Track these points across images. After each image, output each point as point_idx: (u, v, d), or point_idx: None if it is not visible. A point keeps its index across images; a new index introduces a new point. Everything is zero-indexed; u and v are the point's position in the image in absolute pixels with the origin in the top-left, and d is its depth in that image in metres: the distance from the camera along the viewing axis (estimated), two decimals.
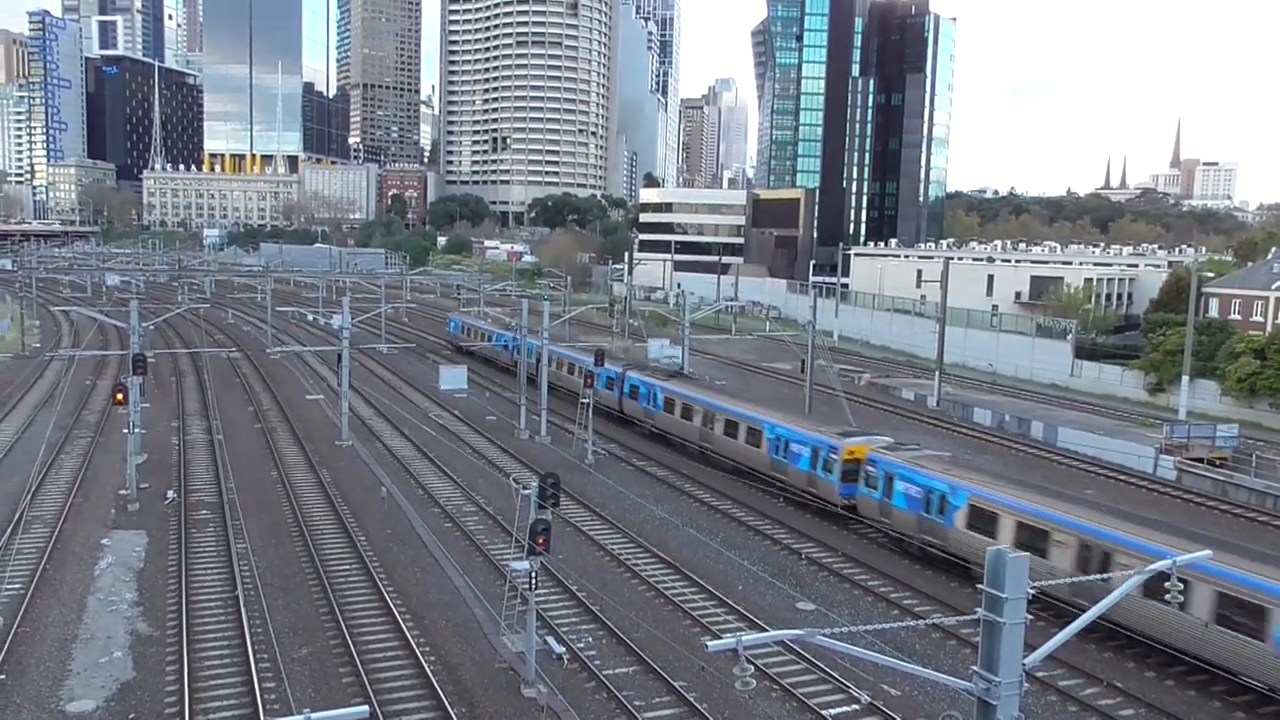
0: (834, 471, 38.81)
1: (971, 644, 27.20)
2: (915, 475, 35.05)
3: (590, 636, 28.20)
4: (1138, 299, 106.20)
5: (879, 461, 36.94)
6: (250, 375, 75.12)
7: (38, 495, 40.62)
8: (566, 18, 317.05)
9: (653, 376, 55.27)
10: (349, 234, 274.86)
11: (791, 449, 41.69)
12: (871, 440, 39.44)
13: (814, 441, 40.47)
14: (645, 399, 54.52)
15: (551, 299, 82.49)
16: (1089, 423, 59.72)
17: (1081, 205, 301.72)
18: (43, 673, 25.32)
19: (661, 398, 52.80)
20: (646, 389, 54.41)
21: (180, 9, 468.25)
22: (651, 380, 54.61)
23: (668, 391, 52.68)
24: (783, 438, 42.37)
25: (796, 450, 41.35)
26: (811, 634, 12.52)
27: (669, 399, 52.22)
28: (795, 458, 41.44)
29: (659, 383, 53.77)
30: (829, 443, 39.68)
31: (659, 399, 53.02)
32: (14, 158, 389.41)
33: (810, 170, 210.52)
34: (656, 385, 53.63)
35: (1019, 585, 11.72)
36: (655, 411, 53.50)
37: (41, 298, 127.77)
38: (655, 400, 53.43)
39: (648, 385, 54.46)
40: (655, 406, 53.45)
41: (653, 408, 53.75)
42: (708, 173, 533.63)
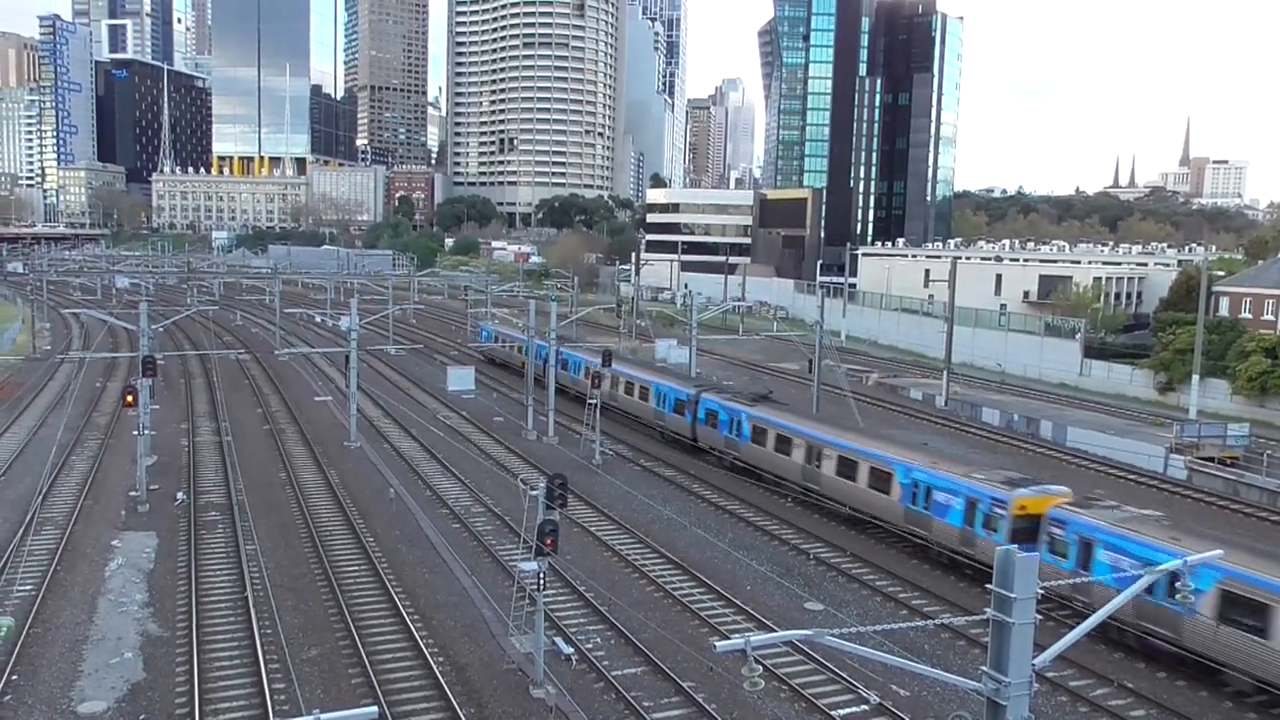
0: (1000, 530, 31.19)
1: (981, 644, 27.14)
2: (1129, 543, 27.20)
3: (598, 637, 28.20)
4: (1147, 298, 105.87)
5: (1072, 522, 29.11)
6: (259, 377, 75.33)
7: (49, 497, 40.79)
8: (573, 19, 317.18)
9: (735, 401, 48.13)
10: (357, 236, 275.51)
11: (936, 498, 34.26)
12: (1048, 491, 31.65)
13: (970, 490, 32.99)
14: (727, 426, 47.49)
15: (559, 300, 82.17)
16: (1098, 422, 59.52)
17: (1090, 204, 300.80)
18: (54, 673, 25.43)
19: (748, 426, 45.73)
20: (728, 415, 47.35)
21: (189, 12, 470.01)
22: (734, 405, 47.46)
23: (757, 419, 45.38)
24: (922, 483, 35.00)
25: (944, 500, 33.89)
26: (820, 634, 12.50)
27: (758, 428, 45.06)
28: (942, 509, 33.99)
29: (744, 408, 46.66)
30: (992, 493, 32.13)
31: (744, 427, 46.00)
32: (24, 161, 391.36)
33: (817, 170, 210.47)
34: (741, 411, 46.55)
35: (1028, 585, 11.69)
36: (739, 442, 46.44)
37: (52, 300, 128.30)
38: (739, 429, 46.36)
39: (730, 410, 47.38)
40: (739, 436, 46.40)
41: (736, 437, 46.77)
42: (714, 173, 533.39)
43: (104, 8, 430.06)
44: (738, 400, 48.41)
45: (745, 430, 46.05)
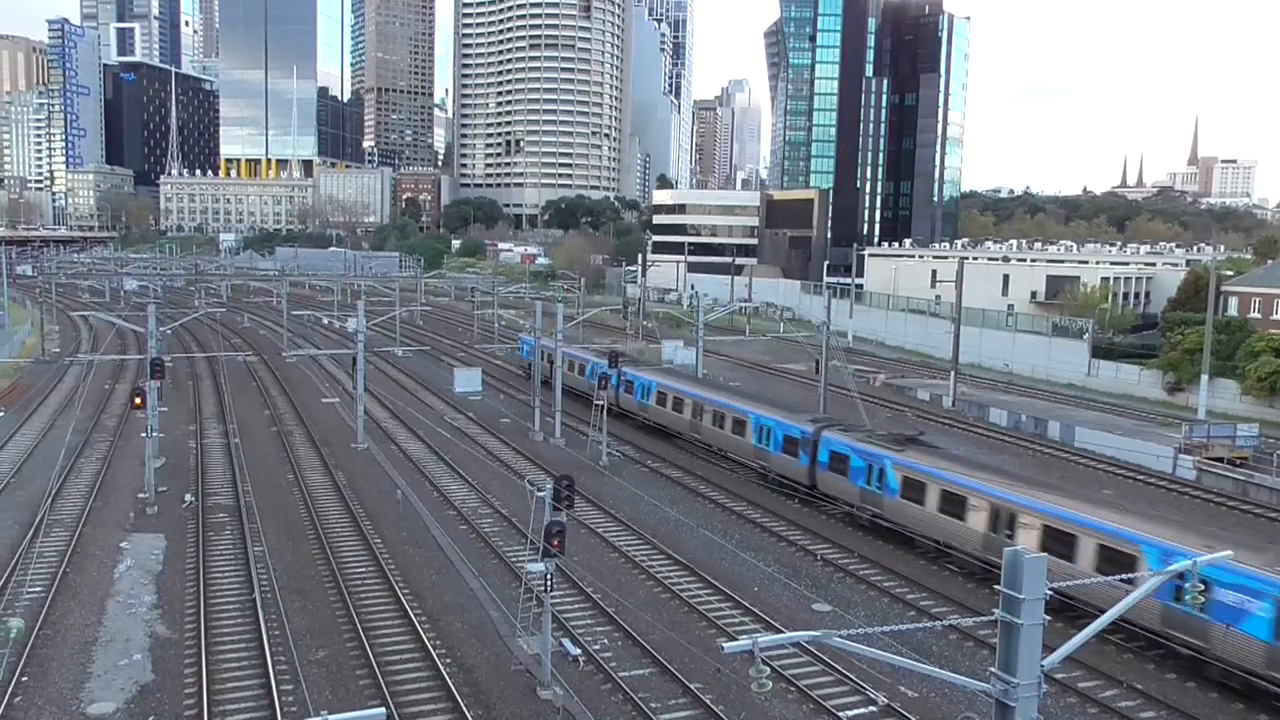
0: None
1: (989, 645, 27.05)
2: None
3: (606, 638, 28.19)
4: (1155, 298, 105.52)
5: None
6: (266, 379, 75.50)
7: (58, 499, 40.93)
8: (579, 20, 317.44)
9: (874, 443, 38.96)
10: (364, 237, 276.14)
11: (1221, 598, 24.18)
12: None
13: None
14: (863, 475, 38.55)
15: (565, 301, 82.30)
16: (1107, 422, 59.32)
17: (1098, 204, 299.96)
18: (64, 675, 25.51)
19: (895, 477, 36.63)
20: (865, 460, 38.45)
21: (197, 15, 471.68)
22: (873, 449, 38.43)
23: (910, 469, 36.21)
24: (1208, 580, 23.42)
25: (1236, 603, 24.15)
26: (828, 635, 12.48)
27: (912, 480, 35.88)
28: (1233, 613, 24.25)
29: (888, 453, 37.46)
30: None
31: (889, 478, 36.91)
32: (33, 164, 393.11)
33: (824, 171, 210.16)
34: (884, 457, 37.39)
35: (1037, 586, 11.65)
36: (883, 495, 37.35)
37: (61, 303, 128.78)
38: (882, 480, 37.29)
39: (867, 455, 38.43)
40: (882, 488, 37.29)
41: (877, 489, 37.67)
42: (721, 174, 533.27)
43: (112, 11, 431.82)
44: (878, 443, 38.88)
45: (892, 482, 36.88)
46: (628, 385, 57.98)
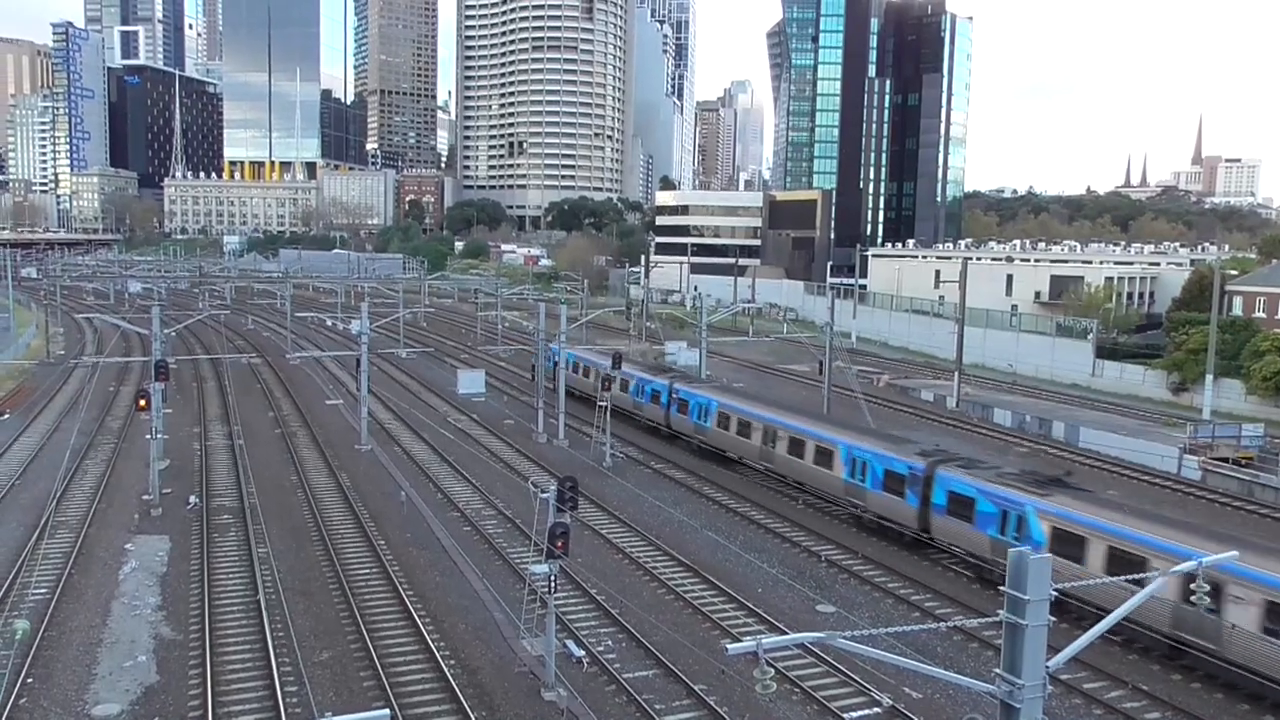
0: None
1: (994, 646, 27.01)
2: None
3: (610, 640, 28.19)
4: (1160, 298, 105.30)
5: None
6: (270, 381, 75.60)
7: (63, 500, 41.00)
8: (582, 22, 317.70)
9: (1009, 485, 32.24)
10: (367, 239, 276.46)
11: None
12: None
13: None
14: (995, 524, 31.96)
15: (569, 303, 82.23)
16: (1111, 423, 59.23)
17: (1101, 204, 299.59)
18: (69, 676, 25.55)
19: (1040, 527, 30.21)
20: (998, 507, 31.82)
21: (200, 18, 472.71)
22: (1009, 493, 31.75)
23: (1062, 519, 29.75)
24: None
25: None
26: (832, 636, 12.47)
27: (1065, 533, 29.43)
28: None
29: (1029, 498, 31.00)
30: None
31: (1033, 528, 30.44)
32: (38, 167, 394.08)
33: (827, 171, 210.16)
34: (1025, 503, 30.95)
35: (1041, 587, 11.63)
36: (1035, 543, 30.25)
37: (65, 305, 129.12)
38: (1024, 529, 30.79)
39: (1004, 501, 31.70)
40: (1026, 539, 30.47)
41: (1014, 540, 30.87)
42: (724, 175, 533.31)
43: (116, 14, 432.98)
44: (1014, 484, 32.22)
45: (1036, 533, 30.18)
46: (681, 404, 52.16)
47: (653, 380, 55.64)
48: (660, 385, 54.53)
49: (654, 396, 53.98)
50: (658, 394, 53.71)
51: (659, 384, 55.02)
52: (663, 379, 55.33)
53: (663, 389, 53.89)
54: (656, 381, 55.49)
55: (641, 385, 56.59)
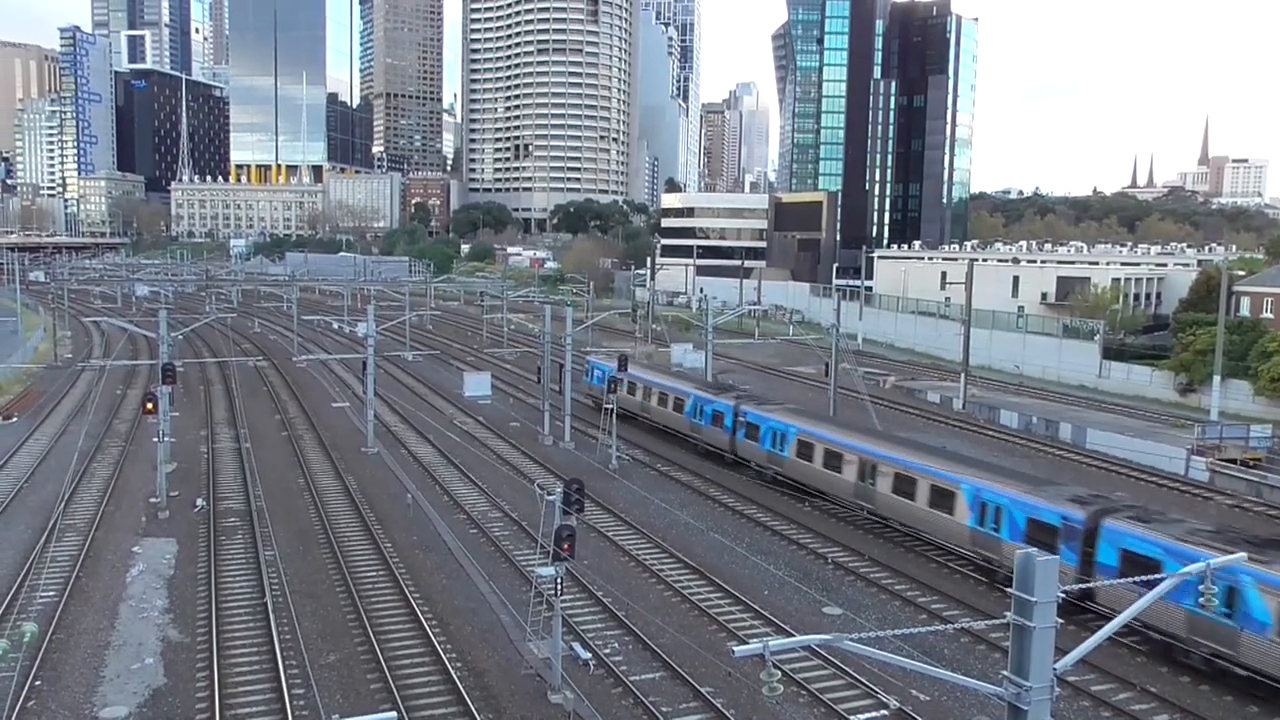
0: None
1: (1001, 648, 26.94)
2: None
3: (616, 642, 28.18)
4: (1167, 299, 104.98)
5: None
6: (277, 384, 75.74)
7: (71, 503, 41.14)
8: (587, 25, 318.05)
9: (1212, 547, 25.66)
10: (373, 242, 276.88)
11: None
12: None
13: None
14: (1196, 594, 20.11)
15: (574, 305, 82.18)
16: (1119, 424, 59.07)
17: (1108, 204, 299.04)
18: (77, 679, 25.62)
19: (1269, 606, 24.09)
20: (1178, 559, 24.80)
21: (207, 22, 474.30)
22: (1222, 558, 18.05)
23: None
24: None
25: None
26: (839, 639, 12.45)
27: None
28: None
29: (1252, 569, 24.11)
30: None
31: (1252, 604, 24.44)
32: (46, 171, 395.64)
33: (832, 173, 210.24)
34: (1244, 572, 24.12)
35: (1049, 589, 11.60)
36: (1245, 629, 24.61)
37: (73, 309, 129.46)
38: (1242, 606, 24.64)
39: (1183, 554, 25.06)
40: (1244, 619, 24.60)
41: (1230, 620, 24.91)
42: (729, 177, 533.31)
43: (123, 19, 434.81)
44: (1217, 545, 25.84)
45: (1256, 609, 24.28)
46: (750, 429, 46.63)
47: (714, 400, 50.26)
48: (723, 406, 49.10)
49: (715, 418, 49.05)
50: (720, 415, 48.67)
51: (722, 404, 49.30)
52: (726, 399, 49.69)
53: (726, 410, 48.59)
54: (719, 402, 49.79)
55: (700, 405, 51.29)
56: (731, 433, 48.26)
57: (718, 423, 49.44)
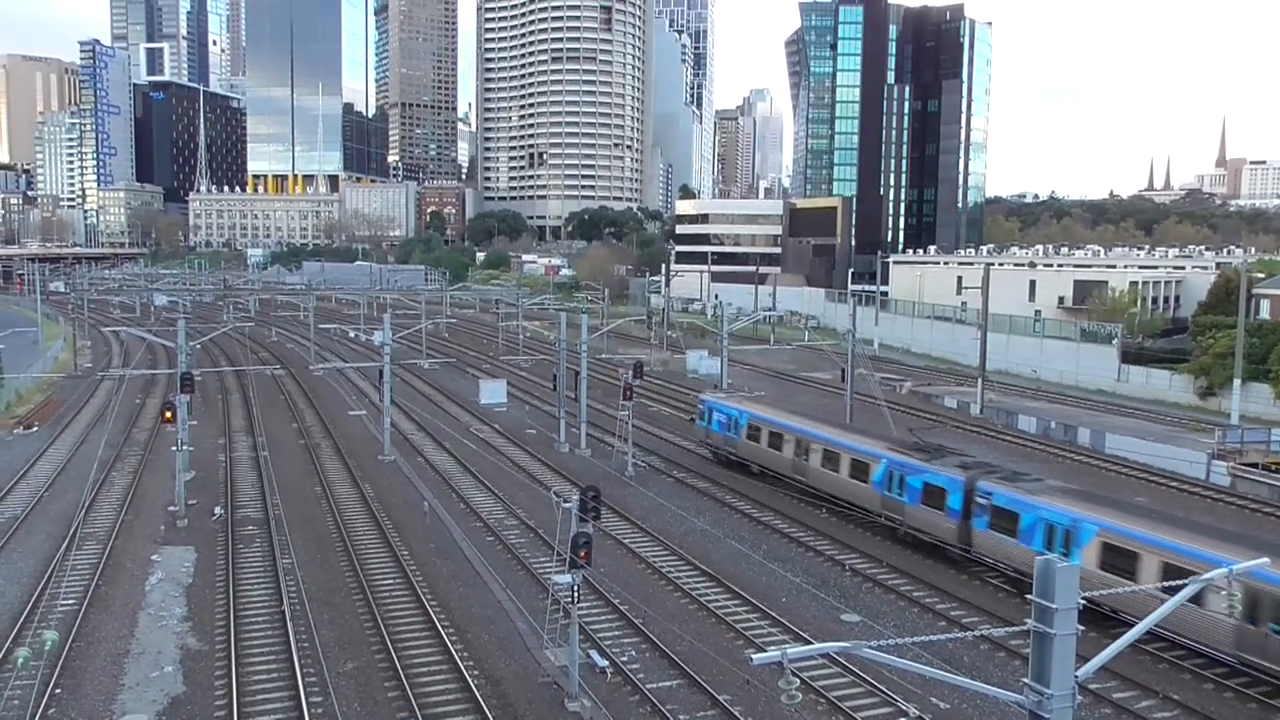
0: None
1: (1021, 655, 26.72)
2: None
3: (633, 650, 28.10)
4: (1185, 301, 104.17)
5: None
6: (294, 392, 76.10)
7: (90, 512, 41.39)
8: (600, 33, 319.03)
9: None
10: (389, 251, 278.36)
11: None
12: None
13: None
14: None
15: (590, 312, 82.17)
16: (1138, 428, 58.60)
17: (1125, 207, 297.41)
18: (96, 686, 25.75)
19: None
20: None
21: (224, 34, 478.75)
22: None
23: None
24: None
25: None
26: (858, 646, 12.37)
27: None
28: None
29: None
30: None
31: None
32: (66, 183, 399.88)
33: (847, 179, 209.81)
34: None
35: (1069, 595, 11.49)
36: None
37: (92, 318, 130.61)
38: None
39: None
40: None
41: None
42: (743, 183, 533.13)
43: (142, 31, 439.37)
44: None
45: None
46: (1001, 517, 32.71)
47: (927, 469, 36.49)
48: (946, 480, 35.30)
49: (930, 496, 35.85)
50: (939, 492, 35.46)
51: (944, 477, 35.49)
52: (949, 469, 35.76)
53: (952, 486, 34.92)
54: (937, 472, 36.01)
55: (899, 473, 37.66)
56: (962, 519, 34.36)
57: (934, 502, 35.48)
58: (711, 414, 51.33)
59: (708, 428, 51.66)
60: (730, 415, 49.36)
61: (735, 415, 48.64)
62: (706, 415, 51.86)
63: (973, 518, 34.16)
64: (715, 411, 51.06)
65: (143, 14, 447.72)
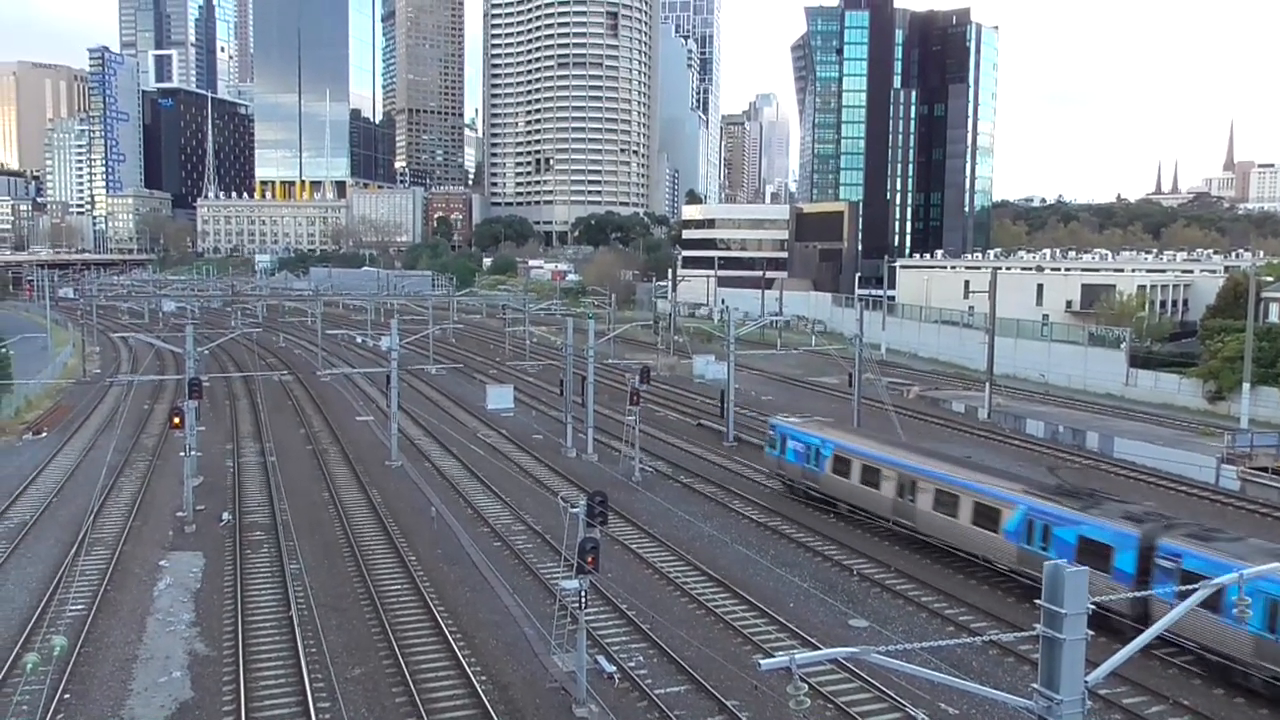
0: None
1: (1031, 661, 26.62)
2: None
3: (641, 655, 28.07)
4: (1194, 305, 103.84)
5: None
6: (301, 398, 76.26)
7: (99, 517, 41.52)
8: (607, 39, 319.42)
9: None
10: (396, 257, 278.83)
11: None
12: None
13: None
14: None
15: (596, 317, 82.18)
16: (1147, 433, 58.40)
17: (1132, 211, 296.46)
18: (105, 692, 25.80)
19: None
20: None
21: (232, 41, 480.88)
22: None
23: None
24: None
25: None
26: (866, 651, 12.33)
27: None
28: None
29: None
30: None
31: None
32: (75, 189, 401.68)
33: (853, 183, 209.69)
34: None
35: (1079, 600, 11.44)
36: None
37: (101, 324, 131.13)
38: None
39: None
40: None
41: None
42: (750, 188, 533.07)
43: (150, 38, 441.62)
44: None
45: None
46: (1093, 549, 28.93)
47: (1085, 521, 30.34)
48: (1115, 536, 29.12)
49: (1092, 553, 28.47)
50: (1104, 551, 28.96)
51: (1113, 533, 29.30)
52: (1119, 524, 29.53)
53: (1122, 543, 28.83)
54: (1103, 527, 29.72)
55: (1044, 523, 31.61)
56: (1135, 582, 28.11)
57: (1095, 561, 27.27)
58: (785, 441, 44.94)
59: (780, 457, 45.42)
60: (810, 444, 43.10)
61: (816, 444, 42.65)
62: (779, 443, 45.47)
63: (1152, 583, 27.30)
64: (791, 439, 44.57)
65: (151, 21, 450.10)
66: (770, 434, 46.96)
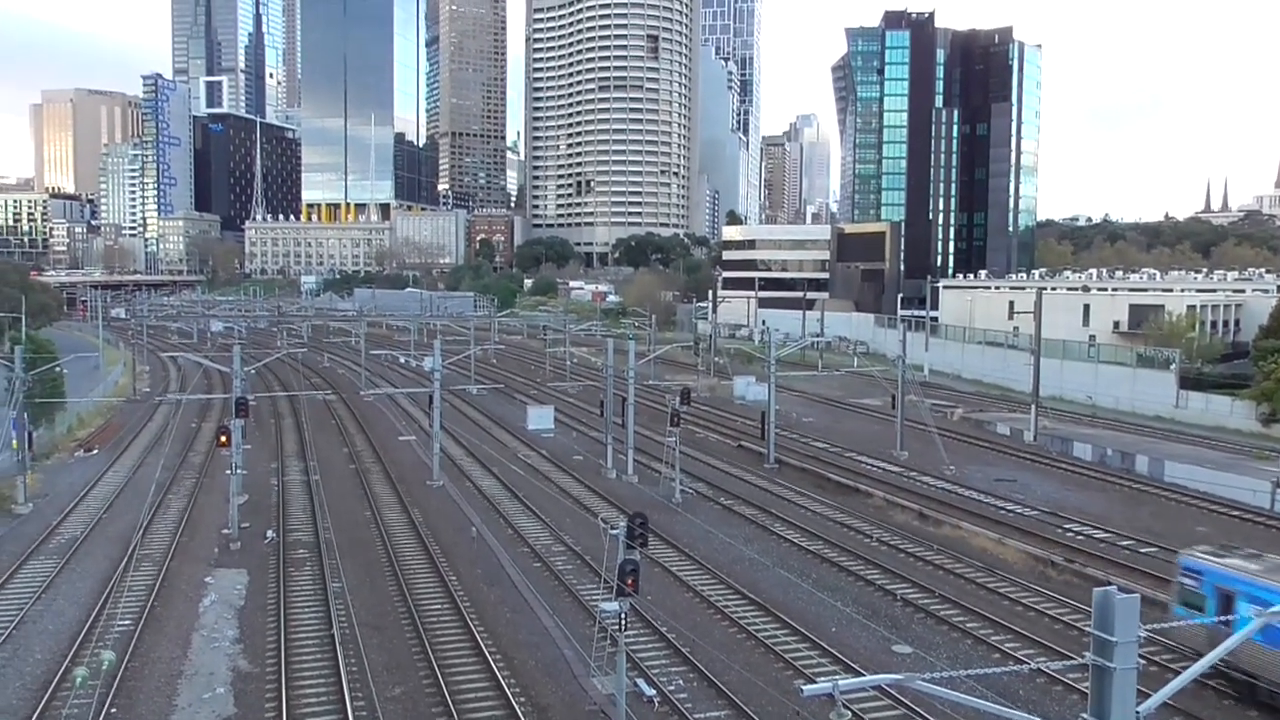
0: None
1: (1080, 690, 26.00)
2: None
3: (681, 679, 27.86)
4: (1246, 325, 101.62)
5: None
6: (345, 417, 77.10)
7: (147, 533, 42.19)
8: (647, 62, 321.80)
9: None
10: (439, 278, 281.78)
11: None
12: None
13: None
14: None
15: (636, 338, 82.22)
16: (1198, 456, 57.04)
17: (1181, 230, 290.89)
18: (150, 707, 26.12)
19: None
20: None
21: (280, 67, 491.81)
22: None
23: None
24: None
25: None
26: (910, 678, 12.13)
27: None
28: None
29: None
30: None
31: None
32: (128, 212, 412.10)
33: (895, 203, 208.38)
34: None
35: (1130, 628, 11.17)
36: None
37: (151, 344, 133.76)
38: None
39: None
40: None
41: None
42: (790, 209, 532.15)
43: (202, 65, 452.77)
44: None
45: None
46: None
47: None
48: None
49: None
50: None
51: None
52: None
53: None
54: None
55: None
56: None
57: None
58: (1230, 600, 24.80)
59: (1218, 627, 23.68)
60: (1242, 587, 24.65)
61: (1246, 588, 24.49)
62: (1213, 602, 25.45)
63: None
64: (1242, 598, 24.26)
65: (203, 49, 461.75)
66: (1182, 584, 26.83)
